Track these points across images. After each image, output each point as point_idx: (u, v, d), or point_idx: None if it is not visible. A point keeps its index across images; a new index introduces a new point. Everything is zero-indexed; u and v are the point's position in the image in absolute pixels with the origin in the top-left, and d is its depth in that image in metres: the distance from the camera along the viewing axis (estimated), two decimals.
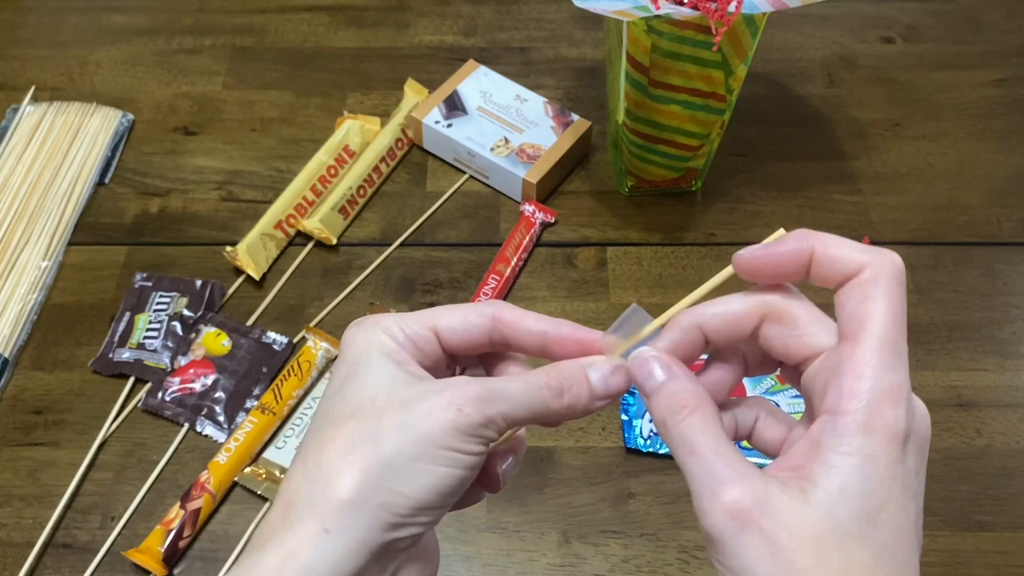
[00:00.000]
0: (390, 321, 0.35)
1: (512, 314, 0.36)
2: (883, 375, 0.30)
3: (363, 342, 0.34)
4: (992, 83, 0.88)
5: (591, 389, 0.35)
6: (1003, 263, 0.75)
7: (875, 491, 0.29)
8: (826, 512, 0.29)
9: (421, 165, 0.82)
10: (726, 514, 0.30)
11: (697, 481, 0.31)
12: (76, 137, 0.82)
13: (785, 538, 0.29)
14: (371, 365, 0.34)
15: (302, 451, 0.33)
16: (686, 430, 0.32)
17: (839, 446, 0.29)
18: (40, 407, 0.67)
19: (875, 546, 0.29)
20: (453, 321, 0.35)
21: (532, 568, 0.60)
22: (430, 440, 0.31)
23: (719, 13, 0.59)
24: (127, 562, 0.60)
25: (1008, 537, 0.61)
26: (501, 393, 0.33)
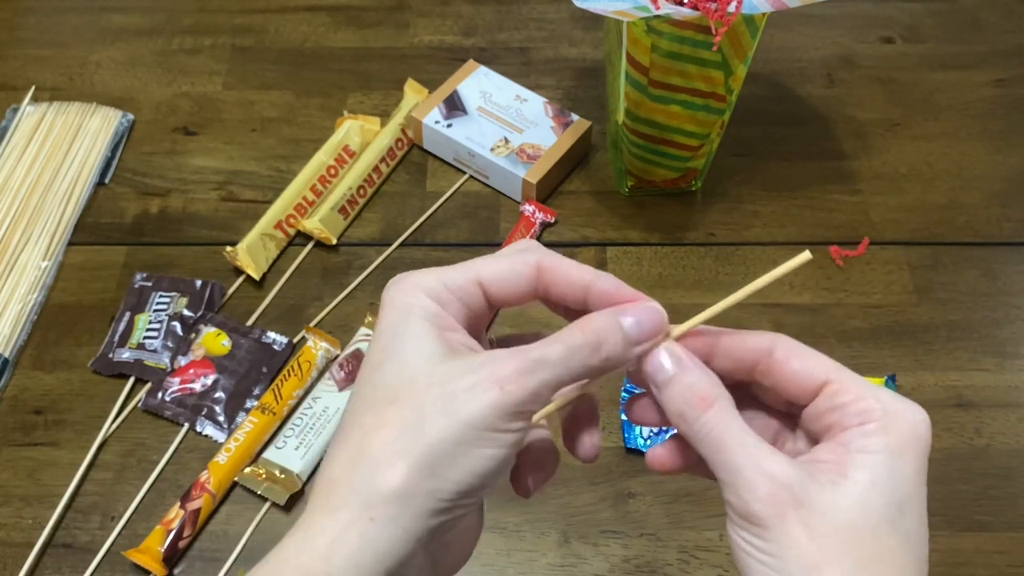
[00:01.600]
0: (432, 278, 0.34)
1: (554, 261, 0.35)
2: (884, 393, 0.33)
3: (401, 306, 0.34)
4: (992, 83, 0.88)
5: (626, 336, 0.34)
6: (1003, 263, 0.75)
7: (902, 484, 0.31)
8: (859, 501, 0.31)
9: (421, 165, 0.82)
10: (767, 502, 0.31)
11: (731, 473, 0.32)
12: (76, 137, 0.82)
13: (822, 523, 0.30)
14: (409, 337, 0.33)
15: (343, 434, 0.33)
16: (710, 424, 0.32)
17: (868, 447, 0.31)
18: (40, 407, 0.67)
19: (901, 533, 0.31)
20: (499, 272, 0.35)
21: (532, 568, 0.60)
22: (474, 423, 0.31)
23: (719, 13, 0.59)
24: (127, 562, 0.60)
25: (1008, 537, 0.61)
26: (541, 362, 0.32)
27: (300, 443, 0.64)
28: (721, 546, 0.61)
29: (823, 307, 0.72)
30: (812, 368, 0.34)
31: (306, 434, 0.64)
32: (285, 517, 0.63)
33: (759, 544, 0.31)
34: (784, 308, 0.72)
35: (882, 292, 0.73)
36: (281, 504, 0.62)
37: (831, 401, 0.33)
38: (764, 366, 0.35)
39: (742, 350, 0.35)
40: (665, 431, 0.64)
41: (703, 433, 0.33)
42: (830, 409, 0.33)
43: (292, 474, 0.63)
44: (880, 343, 0.70)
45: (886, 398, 0.33)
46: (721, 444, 0.32)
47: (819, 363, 0.34)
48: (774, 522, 0.31)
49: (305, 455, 0.63)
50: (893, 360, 0.69)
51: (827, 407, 0.33)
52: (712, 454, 0.32)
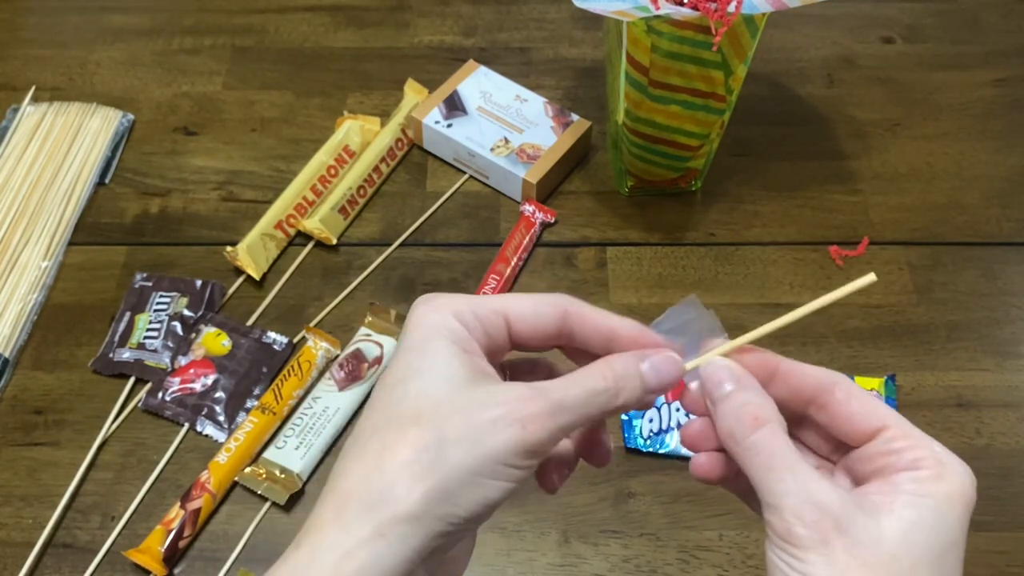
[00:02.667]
0: (462, 303, 0.35)
1: (580, 308, 0.36)
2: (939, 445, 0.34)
3: (431, 325, 0.34)
4: (992, 83, 0.88)
5: (644, 383, 0.34)
6: (1003, 263, 0.75)
7: (947, 531, 0.32)
8: (903, 536, 0.31)
9: (421, 165, 0.82)
10: (812, 526, 0.31)
11: (777, 496, 0.32)
12: (76, 137, 0.82)
13: (864, 552, 0.31)
14: (437, 358, 0.33)
15: (359, 445, 0.33)
16: (760, 444, 0.33)
17: (918, 490, 0.32)
18: (40, 407, 0.67)
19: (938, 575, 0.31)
20: (524, 310, 0.35)
21: (532, 568, 0.60)
22: (493, 457, 0.32)
23: (719, 13, 0.59)
24: (127, 562, 0.60)
25: (1008, 537, 0.61)
26: (564, 404, 0.33)
27: (300, 443, 0.64)
28: (721, 546, 0.61)
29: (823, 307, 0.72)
30: (872, 412, 0.34)
31: (306, 434, 0.64)
32: (285, 517, 0.63)
33: (798, 567, 0.31)
34: (784, 308, 0.72)
35: (882, 292, 0.73)
36: (281, 504, 0.62)
37: (888, 445, 0.34)
38: (822, 401, 0.35)
39: (802, 381, 0.35)
40: (665, 431, 0.64)
41: (752, 453, 0.33)
42: (885, 453, 0.34)
43: (292, 474, 0.63)
44: (880, 343, 0.70)
45: (940, 451, 0.33)
46: (770, 466, 0.32)
47: (879, 409, 0.35)
48: (816, 546, 0.31)
49: (305, 455, 0.63)
50: (893, 360, 0.69)
51: (882, 450, 0.34)
52: (760, 475, 0.33)
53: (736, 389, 0.34)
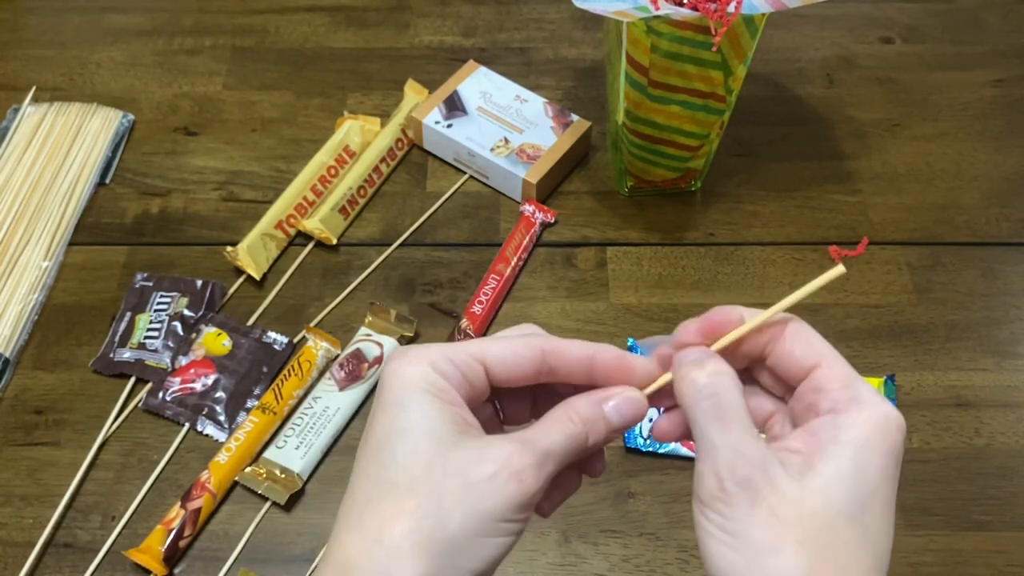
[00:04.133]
0: (438, 353, 0.34)
1: (556, 344, 0.36)
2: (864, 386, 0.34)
3: (408, 378, 0.34)
4: (991, 83, 0.88)
5: (608, 423, 0.36)
6: (1002, 263, 0.75)
7: (867, 479, 0.32)
8: (822, 492, 0.32)
9: (421, 165, 0.82)
10: (740, 484, 0.32)
11: (716, 448, 0.33)
12: (77, 137, 0.82)
13: (785, 509, 0.31)
14: (418, 415, 0.33)
15: (356, 516, 0.33)
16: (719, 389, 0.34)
17: (837, 437, 0.32)
18: (41, 407, 0.68)
19: (860, 528, 0.32)
20: (503, 354, 0.35)
21: (532, 567, 0.60)
22: (493, 516, 0.32)
23: (718, 14, 0.59)
24: (128, 562, 0.60)
25: (1007, 537, 0.62)
26: (550, 452, 0.34)
27: (300, 443, 0.64)
28: None
29: (822, 307, 0.72)
30: (809, 348, 0.35)
31: (306, 434, 0.64)
32: (286, 517, 0.63)
33: (722, 523, 0.32)
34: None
35: (881, 292, 0.73)
36: (281, 504, 0.62)
37: (815, 383, 0.34)
38: (773, 343, 0.36)
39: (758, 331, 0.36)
40: None
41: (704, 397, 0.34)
42: (812, 391, 0.34)
43: (293, 474, 0.63)
44: (879, 343, 0.70)
45: (864, 392, 0.33)
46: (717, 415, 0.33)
47: (817, 346, 0.35)
48: (741, 503, 0.32)
49: (306, 455, 0.64)
50: (892, 360, 0.69)
51: (810, 388, 0.34)
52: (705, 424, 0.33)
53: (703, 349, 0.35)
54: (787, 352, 0.35)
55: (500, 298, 0.72)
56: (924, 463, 0.64)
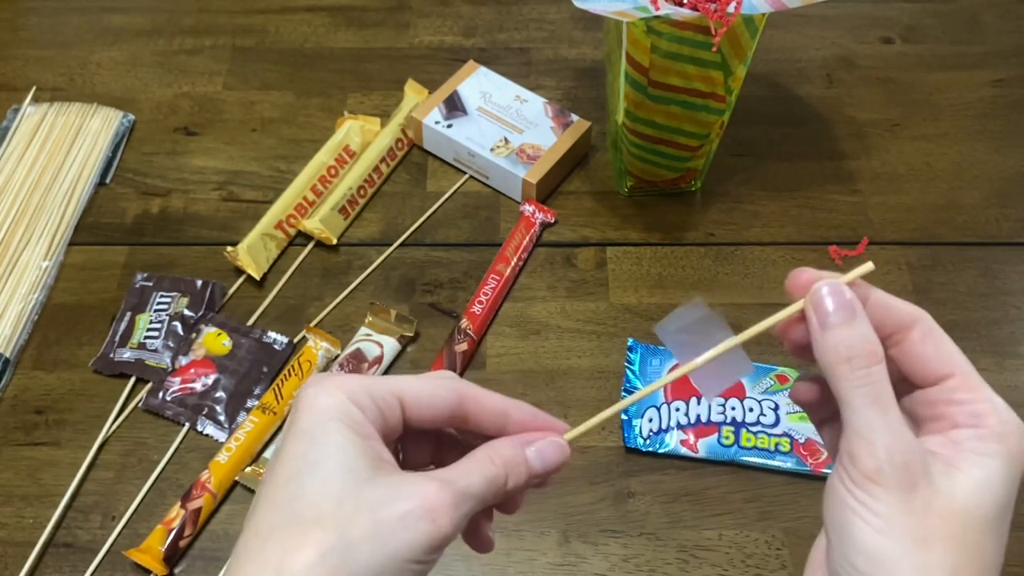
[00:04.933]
0: (356, 384, 0.33)
1: (475, 392, 0.36)
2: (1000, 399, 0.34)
3: (323, 408, 0.32)
4: (991, 83, 0.88)
5: (529, 467, 0.35)
6: (1002, 263, 0.75)
7: (1010, 490, 0.33)
8: (973, 494, 0.32)
9: (421, 165, 0.82)
10: (901, 468, 0.32)
11: (874, 431, 0.32)
12: (77, 137, 0.82)
13: (940, 504, 0.32)
14: (331, 447, 0.32)
15: (258, 545, 0.31)
16: (872, 378, 0.33)
17: (980, 449, 0.33)
18: (41, 407, 0.68)
19: (998, 535, 0.32)
20: (421, 393, 0.35)
21: (532, 567, 0.60)
22: (402, 556, 0.31)
23: (718, 14, 0.59)
24: (128, 561, 0.60)
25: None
26: (468, 493, 0.33)
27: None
28: (720, 545, 0.61)
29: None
30: (944, 356, 0.35)
31: None
32: None
33: (874, 506, 0.32)
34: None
35: None
36: None
37: (951, 394, 0.34)
38: (900, 336, 0.35)
39: (886, 314, 0.35)
40: (665, 431, 0.65)
41: (861, 384, 0.33)
42: (947, 401, 0.34)
43: None
44: None
45: (1002, 408, 0.34)
46: (875, 400, 0.33)
47: (951, 354, 0.35)
48: (901, 489, 0.32)
49: None
50: None
51: (944, 398, 0.34)
52: (863, 407, 0.33)
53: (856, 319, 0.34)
54: (919, 353, 0.35)
55: (500, 298, 0.72)
56: None
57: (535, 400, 0.67)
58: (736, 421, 0.65)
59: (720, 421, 0.65)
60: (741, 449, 0.64)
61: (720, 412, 0.65)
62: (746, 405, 0.65)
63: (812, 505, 0.63)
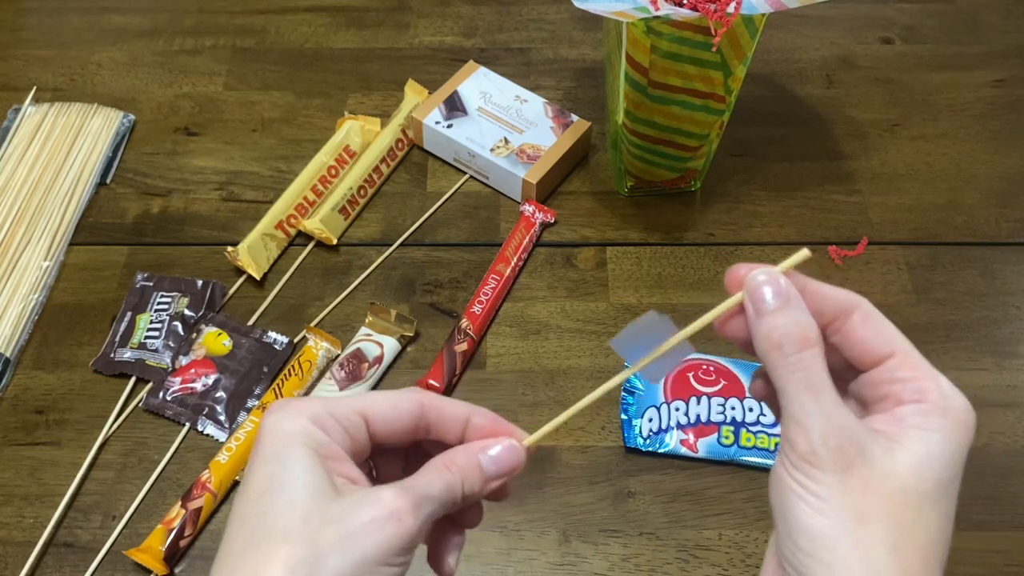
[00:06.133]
0: (319, 407, 0.34)
1: (436, 401, 0.37)
2: (944, 378, 0.35)
3: (287, 434, 0.33)
4: (991, 84, 0.88)
5: (484, 472, 0.36)
6: (1001, 263, 0.75)
7: (952, 463, 0.33)
8: (913, 469, 0.32)
9: (421, 165, 0.82)
10: (836, 450, 0.32)
11: (808, 416, 0.33)
12: (77, 138, 0.82)
13: (878, 482, 0.32)
14: (296, 468, 0.33)
15: (230, 564, 0.32)
16: (805, 363, 0.33)
17: (923, 424, 0.33)
18: (41, 407, 0.68)
19: (941, 509, 0.33)
20: (383, 407, 0.36)
21: (532, 567, 0.60)
22: (371, 558, 0.32)
23: (718, 14, 0.59)
24: (128, 561, 0.60)
25: (1006, 536, 0.62)
26: (427, 495, 0.34)
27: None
28: (720, 545, 0.61)
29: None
30: (884, 337, 0.35)
31: None
32: None
33: (812, 487, 0.32)
34: None
35: (881, 292, 0.73)
36: None
37: (893, 373, 0.34)
38: (840, 323, 0.36)
39: (825, 302, 0.36)
40: (665, 430, 0.65)
41: (794, 370, 0.33)
42: (889, 380, 0.34)
43: None
44: None
45: (945, 384, 0.34)
46: (809, 385, 0.33)
47: (891, 335, 0.35)
48: (836, 469, 0.32)
49: None
50: None
51: (887, 378, 0.34)
52: (796, 392, 0.33)
53: (789, 306, 0.34)
54: (859, 338, 0.35)
55: (500, 298, 0.72)
56: None
57: (535, 400, 0.67)
58: (736, 421, 0.65)
59: (720, 421, 0.65)
60: (741, 449, 0.64)
61: (720, 412, 0.65)
62: (746, 405, 0.65)
63: None
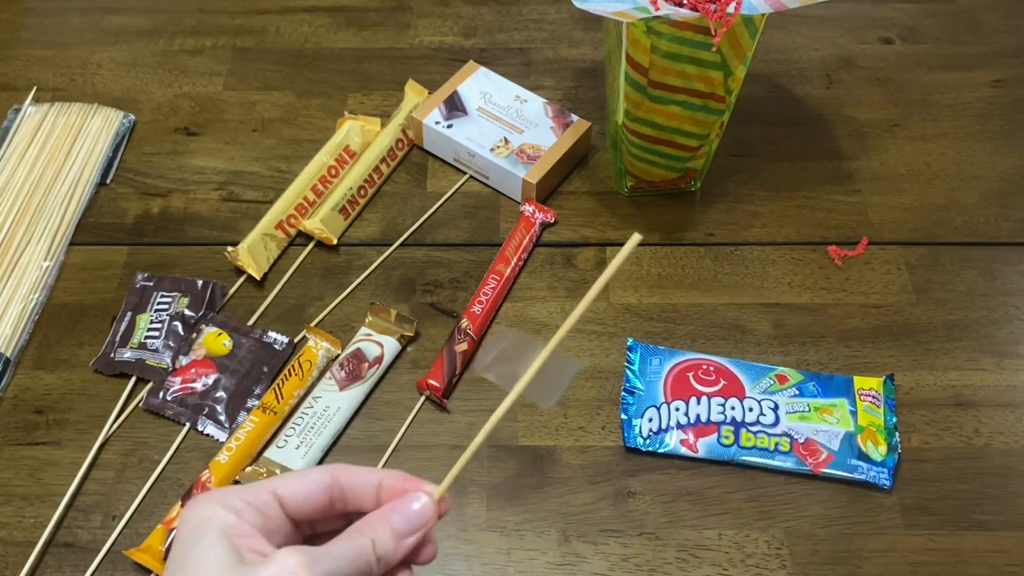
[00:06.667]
0: (231, 494, 0.37)
1: (348, 469, 0.38)
2: None
3: (197, 520, 0.36)
4: (990, 84, 0.88)
5: (395, 531, 0.37)
6: (1001, 263, 0.75)
7: None
8: None
9: (421, 165, 0.82)
10: None
11: None
12: (77, 138, 0.82)
13: None
14: (203, 548, 0.35)
15: None
16: None
17: None
18: (42, 407, 0.68)
19: None
20: (292, 482, 0.38)
21: (532, 567, 0.60)
22: None
23: (718, 14, 0.59)
24: (128, 561, 0.60)
25: (1006, 536, 0.62)
26: (327, 553, 0.35)
27: (301, 442, 0.64)
28: (720, 545, 0.61)
29: (822, 307, 0.72)
30: None
31: (307, 433, 0.64)
32: None
33: None
34: (783, 308, 0.72)
35: (881, 292, 0.73)
36: None
37: None
38: None
39: None
40: (665, 430, 0.65)
41: None
42: None
43: None
44: (879, 343, 0.70)
45: None
46: None
47: None
48: None
49: (306, 454, 0.64)
50: (892, 360, 0.70)
51: None
52: None
53: None
54: None
55: (500, 298, 0.72)
56: (923, 463, 0.64)
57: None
58: (736, 421, 0.65)
59: (720, 421, 0.65)
60: (741, 449, 0.64)
61: (720, 412, 0.65)
62: (745, 405, 0.65)
63: (811, 505, 0.63)
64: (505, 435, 0.66)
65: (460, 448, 0.65)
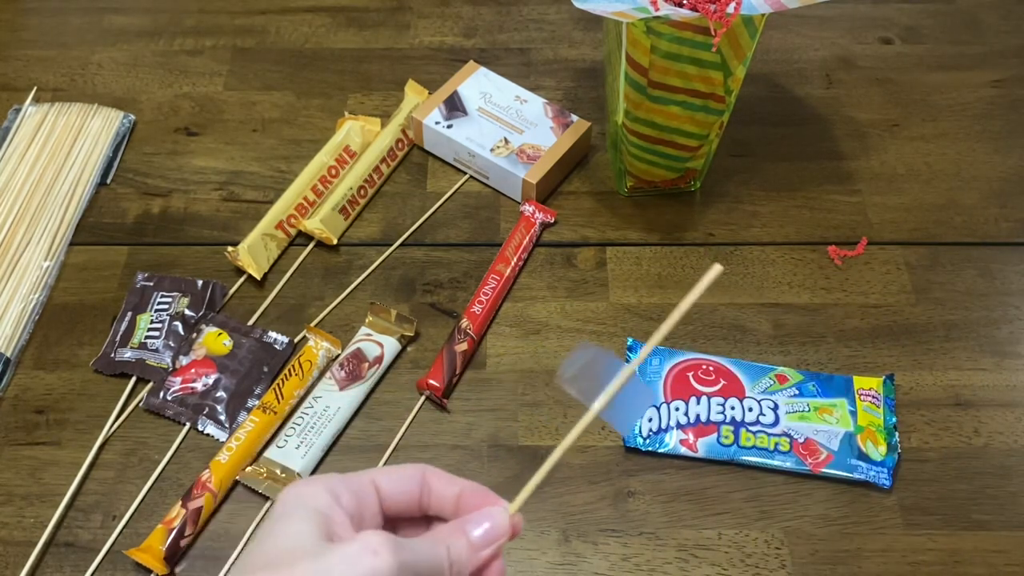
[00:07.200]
0: (334, 478, 0.38)
1: (436, 473, 0.40)
2: None
3: (295, 495, 0.37)
4: (990, 84, 0.88)
5: (472, 543, 0.38)
6: (1001, 263, 0.75)
7: None
8: None
9: (421, 165, 0.82)
10: None
11: None
12: (78, 138, 0.82)
13: None
14: (293, 520, 0.36)
15: None
16: None
17: None
18: (42, 406, 0.68)
19: None
20: (392, 474, 0.39)
21: (532, 567, 0.60)
22: None
23: (718, 14, 0.59)
24: (129, 561, 0.60)
25: (1006, 536, 0.62)
26: (407, 545, 0.36)
27: (301, 442, 0.64)
28: (720, 545, 0.61)
29: (822, 307, 0.73)
30: None
31: (307, 433, 0.64)
32: None
33: None
34: (783, 308, 0.72)
35: (880, 292, 0.73)
36: None
37: None
38: None
39: None
40: (665, 430, 0.65)
41: None
42: None
43: (293, 473, 0.63)
44: (878, 343, 0.71)
45: None
46: None
47: None
48: None
49: (306, 454, 0.64)
50: (891, 360, 0.70)
51: None
52: None
53: None
54: None
55: (500, 298, 0.72)
56: (923, 463, 0.65)
57: (535, 400, 0.68)
58: (735, 421, 0.65)
59: (719, 421, 0.65)
60: (740, 449, 0.64)
61: (720, 412, 0.65)
62: (745, 405, 0.65)
63: (811, 504, 0.63)
64: (505, 435, 0.66)
65: (460, 448, 0.66)
